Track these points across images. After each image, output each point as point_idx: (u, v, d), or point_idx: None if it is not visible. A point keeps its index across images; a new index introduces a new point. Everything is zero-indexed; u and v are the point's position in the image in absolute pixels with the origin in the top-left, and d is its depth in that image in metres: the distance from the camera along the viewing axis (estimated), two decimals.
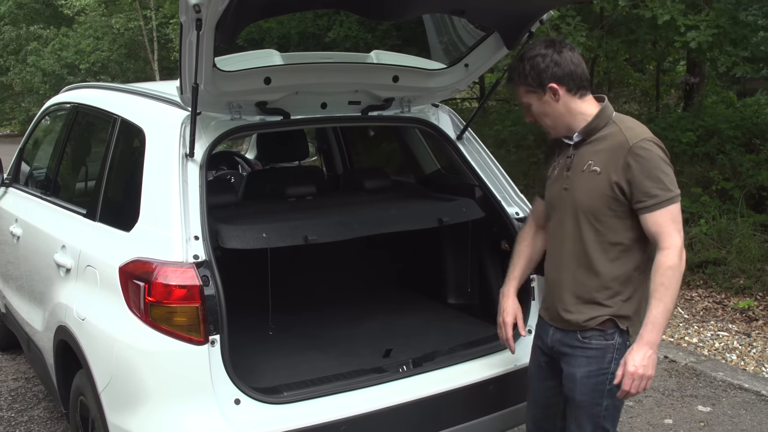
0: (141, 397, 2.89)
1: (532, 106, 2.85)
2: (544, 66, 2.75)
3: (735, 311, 6.55)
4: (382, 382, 3.17)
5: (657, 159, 2.67)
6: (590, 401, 2.83)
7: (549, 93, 2.78)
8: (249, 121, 3.35)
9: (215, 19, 2.62)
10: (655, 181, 2.65)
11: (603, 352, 2.80)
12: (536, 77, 2.77)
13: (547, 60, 2.75)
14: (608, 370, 2.79)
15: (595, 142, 2.78)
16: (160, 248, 2.92)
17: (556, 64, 2.75)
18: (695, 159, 8.78)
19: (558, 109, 2.80)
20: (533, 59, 2.77)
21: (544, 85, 2.77)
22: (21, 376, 5.45)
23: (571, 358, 2.86)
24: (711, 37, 7.38)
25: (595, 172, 2.74)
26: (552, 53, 2.76)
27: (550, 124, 2.86)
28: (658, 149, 2.70)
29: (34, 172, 5.12)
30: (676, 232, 2.65)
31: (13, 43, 27.88)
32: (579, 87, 2.80)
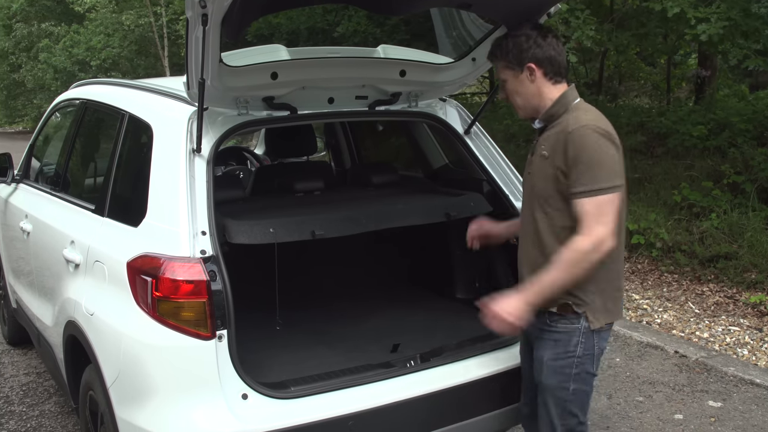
0: (149, 391, 2.90)
1: (508, 82, 2.94)
2: (526, 46, 2.85)
3: (746, 306, 6.52)
4: (389, 377, 3.17)
5: (591, 147, 2.70)
6: (556, 384, 2.90)
7: (526, 72, 2.87)
8: (256, 117, 3.35)
9: (221, 15, 2.63)
10: (585, 168, 2.69)
11: (569, 335, 2.86)
12: (517, 55, 2.87)
13: (531, 41, 2.85)
14: (574, 354, 2.86)
15: (551, 128, 2.87)
16: (168, 243, 2.93)
17: (538, 45, 2.85)
18: (706, 152, 8.74)
19: (531, 89, 2.89)
20: (517, 37, 2.88)
21: (523, 63, 2.86)
22: (32, 371, 5.49)
23: (539, 341, 2.96)
24: (722, 30, 7.32)
25: (544, 156, 2.84)
26: (536, 35, 2.86)
27: (521, 103, 2.95)
28: (597, 136, 2.71)
29: (43, 168, 5.14)
30: (597, 223, 2.68)
31: (25, 41, 27.99)
32: (555, 73, 2.88)
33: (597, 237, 2.68)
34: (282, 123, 3.55)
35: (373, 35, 11.82)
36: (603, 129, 2.74)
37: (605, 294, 2.85)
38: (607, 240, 2.69)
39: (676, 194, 8.08)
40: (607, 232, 2.69)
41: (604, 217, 2.69)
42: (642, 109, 11.67)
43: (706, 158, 8.64)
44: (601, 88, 12.91)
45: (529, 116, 2.98)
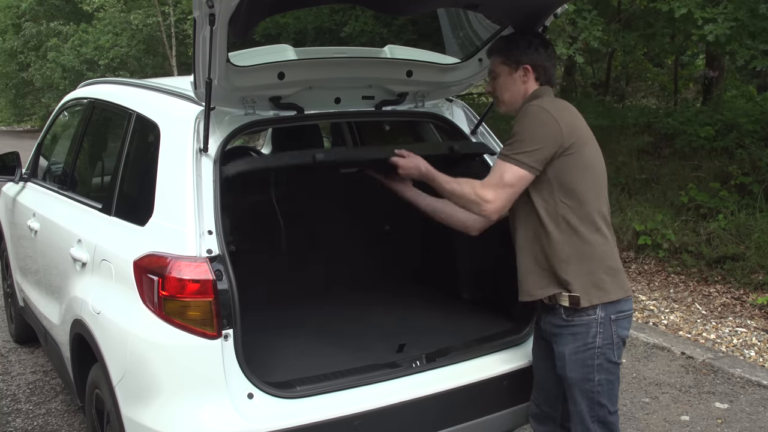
0: (155, 390, 2.90)
1: (501, 77, 3.10)
2: (528, 49, 3.05)
3: (754, 307, 6.50)
4: (395, 377, 3.17)
5: (527, 116, 2.91)
6: (581, 377, 2.95)
7: (521, 71, 3.06)
8: (263, 116, 3.35)
9: (228, 14, 2.63)
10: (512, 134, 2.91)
11: (587, 327, 2.92)
12: (517, 55, 3.06)
13: (532, 46, 3.06)
14: (594, 344, 2.92)
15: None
16: (174, 243, 2.93)
17: (537, 52, 3.06)
18: (714, 153, 8.72)
19: (520, 89, 3.08)
20: (521, 40, 3.09)
21: (520, 63, 3.05)
22: (39, 369, 5.51)
23: (558, 337, 3.01)
24: (729, 30, 7.31)
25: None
26: (538, 43, 3.08)
27: (507, 98, 3.12)
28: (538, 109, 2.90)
29: (51, 166, 5.16)
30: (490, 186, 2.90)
31: (34, 40, 28.10)
32: (546, 81, 3.09)
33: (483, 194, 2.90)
34: (289, 123, 3.55)
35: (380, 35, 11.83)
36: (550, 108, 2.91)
37: (593, 274, 2.91)
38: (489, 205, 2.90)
39: (683, 195, 8.06)
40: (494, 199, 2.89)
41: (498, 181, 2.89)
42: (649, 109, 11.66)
43: (713, 159, 8.62)
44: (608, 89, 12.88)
45: (510, 112, 3.14)
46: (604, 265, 2.94)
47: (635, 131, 9.92)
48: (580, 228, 2.90)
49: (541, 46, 3.06)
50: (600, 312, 2.91)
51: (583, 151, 2.93)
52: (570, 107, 3.03)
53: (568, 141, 2.87)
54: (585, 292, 2.90)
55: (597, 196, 2.96)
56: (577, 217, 2.91)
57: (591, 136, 3.02)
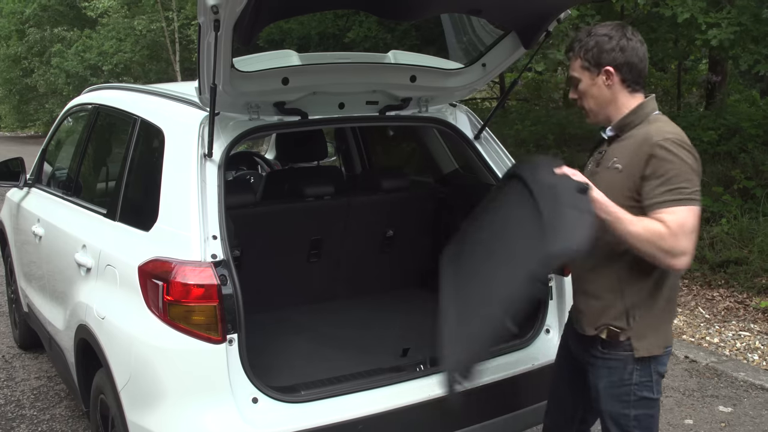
0: (160, 395, 2.91)
1: (582, 82, 2.73)
2: (609, 47, 2.65)
3: (757, 311, 6.49)
4: (399, 381, 3.18)
5: (679, 162, 2.51)
6: (616, 412, 2.75)
7: (603, 75, 2.67)
8: (267, 122, 3.36)
9: (233, 20, 2.64)
10: (670, 180, 2.49)
11: (623, 363, 2.70)
12: (596, 55, 2.66)
13: (614, 42, 2.65)
14: (630, 381, 2.70)
15: (626, 139, 2.67)
16: (179, 248, 2.95)
17: (621, 49, 2.64)
18: (717, 158, 8.71)
19: (606, 94, 2.69)
20: (601, 37, 2.66)
21: (601, 65, 2.66)
22: (43, 375, 5.51)
23: (593, 368, 2.79)
24: (732, 35, 7.32)
25: (617, 170, 2.63)
26: (620, 37, 2.66)
27: (593, 107, 2.74)
28: (685, 152, 2.53)
29: (56, 172, 5.17)
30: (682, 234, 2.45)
31: (38, 45, 28.19)
32: (634, 81, 2.69)
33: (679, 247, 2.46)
34: (293, 128, 3.56)
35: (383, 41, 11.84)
36: (688, 144, 2.57)
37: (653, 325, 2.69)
38: (687, 255, 2.48)
39: None
40: (690, 247, 2.48)
41: (688, 229, 2.47)
42: None
43: (716, 163, 8.62)
44: None
45: (600, 122, 2.77)
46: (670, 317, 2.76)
47: None
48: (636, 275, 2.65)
49: (623, 39, 2.64)
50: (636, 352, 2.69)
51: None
52: None
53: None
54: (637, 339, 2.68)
55: None
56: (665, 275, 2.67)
57: None
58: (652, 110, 2.69)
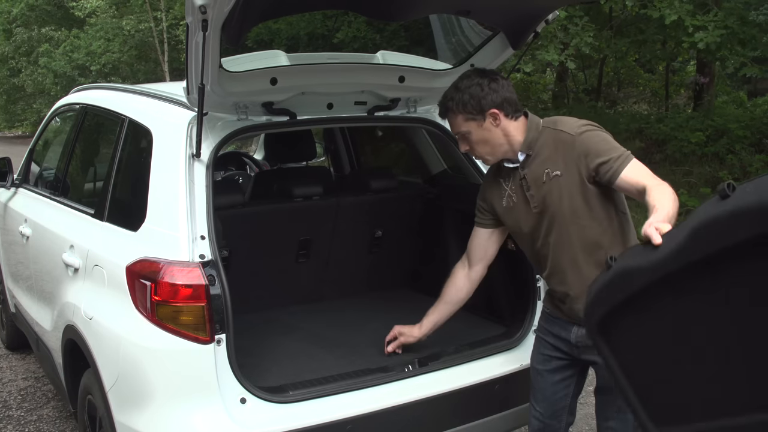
0: (147, 395, 2.90)
1: (472, 133, 2.86)
2: (483, 93, 2.81)
3: None
4: (387, 381, 3.18)
5: (602, 134, 2.76)
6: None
7: (489, 119, 2.82)
8: (255, 122, 3.36)
9: (221, 20, 2.64)
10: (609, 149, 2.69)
11: None
12: (476, 104, 2.82)
13: (486, 88, 2.82)
14: None
15: (540, 152, 2.83)
16: (167, 248, 2.94)
17: (494, 91, 2.81)
18: (704, 159, 8.77)
19: (497, 133, 2.84)
20: (471, 88, 2.83)
21: (485, 111, 2.82)
22: (30, 376, 5.49)
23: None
24: (719, 38, 7.37)
25: (556, 176, 2.77)
26: (488, 82, 2.83)
27: (489, 150, 2.89)
28: (598, 129, 2.79)
29: (43, 172, 5.15)
30: (651, 177, 2.64)
31: (25, 45, 28.03)
32: (515, 111, 2.86)
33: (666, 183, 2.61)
34: (281, 128, 3.56)
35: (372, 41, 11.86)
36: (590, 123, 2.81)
37: None
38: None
39: None
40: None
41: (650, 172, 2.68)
42: (640, 115, 11.71)
43: (704, 164, 8.67)
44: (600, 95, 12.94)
45: (499, 160, 2.92)
46: None
47: (627, 137, 9.96)
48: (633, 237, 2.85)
49: (492, 83, 2.83)
50: None
51: None
52: None
53: None
54: None
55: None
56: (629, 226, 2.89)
57: None
58: (538, 119, 2.89)
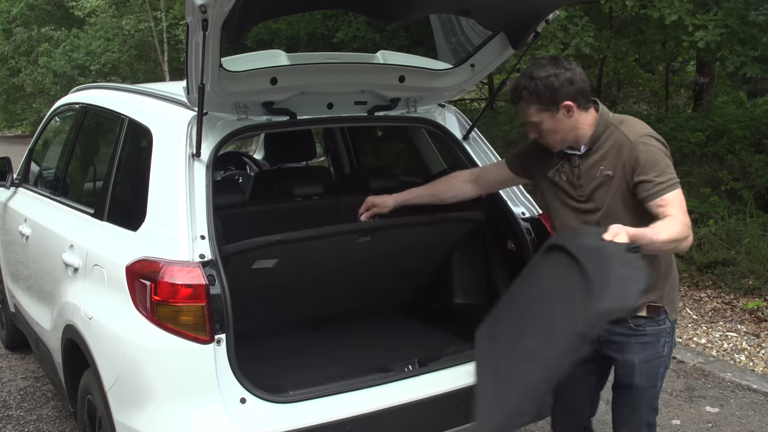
0: (147, 395, 2.90)
1: (544, 123, 2.87)
2: (558, 85, 2.79)
3: (744, 312, 6.53)
4: (387, 381, 3.18)
5: (657, 151, 2.78)
6: (648, 385, 2.96)
7: (563, 110, 2.82)
8: (255, 122, 3.36)
9: (221, 20, 2.64)
10: (657, 170, 2.74)
11: (657, 337, 2.92)
12: (551, 96, 2.80)
13: (561, 79, 2.80)
14: (662, 354, 2.95)
15: (600, 148, 2.87)
16: (167, 248, 2.94)
17: (570, 82, 2.80)
18: (704, 159, 8.75)
19: (569, 124, 2.86)
20: (546, 79, 2.80)
21: (559, 103, 2.81)
22: (30, 375, 5.49)
23: (624, 345, 2.94)
24: (719, 37, 7.35)
25: (608, 176, 2.84)
26: (564, 72, 2.81)
27: (559, 139, 2.90)
28: (658, 143, 2.81)
29: (43, 172, 5.15)
30: (683, 213, 2.70)
31: (25, 45, 28.00)
32: (587, 101, 2.88)
33: (688, 224, 2.70)
34: (281, 128, 3.56)
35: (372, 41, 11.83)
36: (657, 135, 2.84)
37: (674, 288, 2.97)
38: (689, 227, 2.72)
39: None
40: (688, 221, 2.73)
41: (684, 208, 2.74)
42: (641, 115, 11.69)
43: (704, 165, 8.66)
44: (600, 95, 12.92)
45: (567, 146, 2.94)
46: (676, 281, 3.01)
47: None
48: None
49: (566, 72, 2.81)
50: (668, 322, 2.94)
51: None
52: None
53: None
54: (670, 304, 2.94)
55: None
56: None
57: None
58: (608, 114, 2.91)
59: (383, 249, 3.73)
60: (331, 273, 3.75)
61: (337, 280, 3.82)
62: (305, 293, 3.78)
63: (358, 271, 3.81)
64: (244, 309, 2.99)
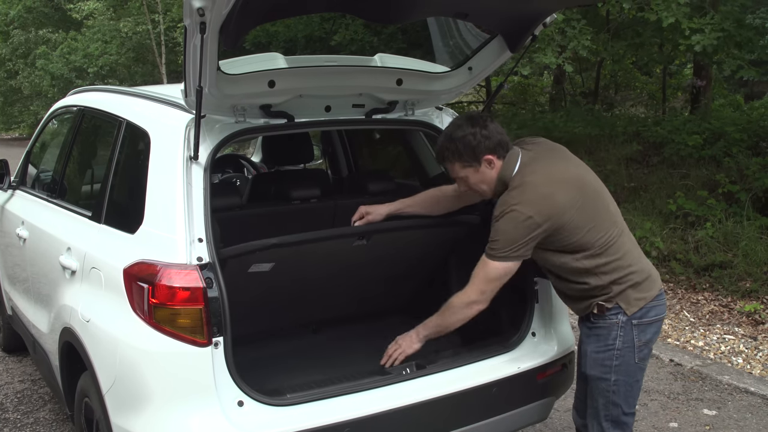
0: (145, 398, 2.90)
1: (469, 178, 3.15)
2: (476, 142, 3.06)
3: (741, 314, 6.54)
4: (385, 384, 3.18)
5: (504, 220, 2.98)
6: (598, 375, 3.13)
7: (485, 164, 3.09)
8: (253, 124, 3.36)
9: (219, 23, 2.64)
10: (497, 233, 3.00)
11: (608, 330, 3.10)
12: (471, 153, 3.07)
13: (478, 136, 3.05)
14: (613, 346, 3.10)
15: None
16: (164, 250, 2.93)
17: (486, 138, 3.06)
18: (701, 162, 8.77)
19: (492, 174, 3.12)
20: (464, 138, 3.07)
21: (480, 158, 3.08)
22: (27, 378, 5.48)
23: (586, 337, 3.20)
24: (716, 40, 7.38)
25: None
26: (479, 129, 3.06)
27: (487, 188, 3.17)
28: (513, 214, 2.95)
29: (40, 174, 5.15)
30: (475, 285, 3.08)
31: (23, 47, 28.02)
32: (506, 151, 3.11)
33: (473, 297, 3.09)
34: (279, 131, 3.56)
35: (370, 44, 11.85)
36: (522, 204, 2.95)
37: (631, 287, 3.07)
38: (477, 304, 3.10)
39: (672, 203, 8.10)
40: (480, 297, 3.09)
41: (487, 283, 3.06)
42: (638, 118, 11.72)
43: (701, 167, 8.68)
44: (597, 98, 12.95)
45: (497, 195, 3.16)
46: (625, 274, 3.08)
47: (624, 140, 9.97)
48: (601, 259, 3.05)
49: (482, 129, 3.06)
50: (621, 317, 3.07)
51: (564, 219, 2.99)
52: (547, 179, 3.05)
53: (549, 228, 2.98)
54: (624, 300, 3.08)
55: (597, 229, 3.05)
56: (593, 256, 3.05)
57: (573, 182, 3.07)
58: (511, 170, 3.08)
59: (379, 252, 3.74)
60: (328, 276, 3.75)
61: (334, 283, 3.82)
62: (302, 296, 3.78)
63: (354, 274, 3.81)
64: (242, 312, 2.99)
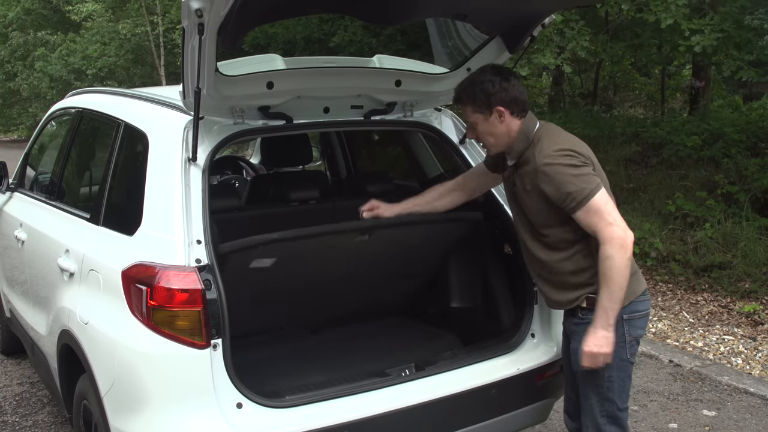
0: (143, 400, 2.89)
1: (478, 125, 3.11)
2: (493, 90, 3.03)
3: (740, 315, 6.53)
4: (384, 386, 3.17)
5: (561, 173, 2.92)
6: (591, 370, 3.05)
7: (495, 115, 3.05)
8: (251, 126, 3.36)
9: (217, 24, 2.64)
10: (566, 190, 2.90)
11: None
12: (485, 100, 3.04)
13: (496, 86, 3.03)
14: None
15: (523, 165, 3.08)
16: (163, 252, 2.93)
17: (503, 89, 3.03)
18: (700, 163, 8.78)
19: (501, 129, 3.08)
20: (483, 84, 3.05)
21: (492, 107, 3.04)
22: (25, 381, 5.47)
23: (575, 334, 3.12)
24: (715, 41, 7.38)
25: (528, 191, 3.06)
26: (500, 80, 3.04)
27: (493, 142, 3.14)
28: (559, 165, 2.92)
29: (38, 176, 5.14)
30: (606, 224, 2.88)
31: (21, 49, 28.02)
32: (521, 111, 3.08)
33: (614, 235, 2.87)
34: (277, 132, 3.55)
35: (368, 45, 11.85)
36: (563, 148, 2.95)
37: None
38: (624, 231, 2.88)
39: (671, 204, 8.10)
40: (619, 226, 2.89)
41: (606, 215, 2.89)
42: (637, 119, 11.73)
43: (700, 168, 8.68)
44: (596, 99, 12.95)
45: (502, 151, 3.17)
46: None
47: (623, 141, 9.97)
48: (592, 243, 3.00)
49: (503, 81, 3.04)
50: None
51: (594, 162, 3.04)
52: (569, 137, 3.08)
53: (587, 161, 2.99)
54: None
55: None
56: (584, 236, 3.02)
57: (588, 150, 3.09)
58: (532, 128, 3.07)
59: (381, 249, 3.73)
60: (329, 275, 3.75)
61: (334, 282, 3.82)
62: (302, 296, 3.77)
63: (355, 272, 3.81)
64: (241, 313, 2.99)
